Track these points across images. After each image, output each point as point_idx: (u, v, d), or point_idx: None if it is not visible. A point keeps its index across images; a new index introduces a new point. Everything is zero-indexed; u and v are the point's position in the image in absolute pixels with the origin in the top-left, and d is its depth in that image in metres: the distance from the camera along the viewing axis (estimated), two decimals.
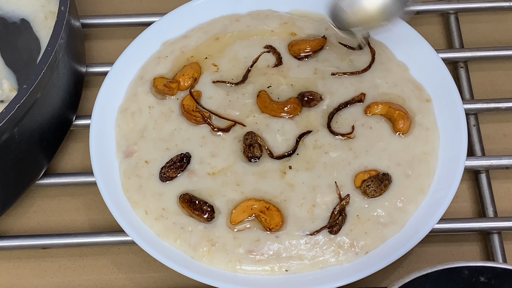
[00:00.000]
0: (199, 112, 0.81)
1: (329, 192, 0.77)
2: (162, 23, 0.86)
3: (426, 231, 0.74)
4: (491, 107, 0.85)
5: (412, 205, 0.76)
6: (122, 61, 0.84)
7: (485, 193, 0.81)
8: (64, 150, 0.85)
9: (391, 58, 0.84)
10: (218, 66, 0.84)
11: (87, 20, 0.90)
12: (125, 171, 0.79)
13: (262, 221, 0.75)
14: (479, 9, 0.92)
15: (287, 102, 0.81)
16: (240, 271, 0.74)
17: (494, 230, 0.78)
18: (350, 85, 0.83)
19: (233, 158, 0.79)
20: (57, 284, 0.79)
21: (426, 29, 0.92)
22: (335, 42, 0.85)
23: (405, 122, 0.79)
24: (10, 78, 0.81)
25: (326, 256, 0.74)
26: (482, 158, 0.82)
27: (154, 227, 0.76)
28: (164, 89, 0.82)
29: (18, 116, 0.72)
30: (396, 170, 0.78)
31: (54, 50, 0.74)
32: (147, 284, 0.78)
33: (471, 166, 0.81)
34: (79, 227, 0.81)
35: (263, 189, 0.77)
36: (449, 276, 0.61)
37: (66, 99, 0.81)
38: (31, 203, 0.83)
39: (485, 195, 0.81)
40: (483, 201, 0.81)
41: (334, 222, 0.75)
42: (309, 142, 0.79)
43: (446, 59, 0.86)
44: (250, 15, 0.87)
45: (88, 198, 0.82)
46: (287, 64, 0.84)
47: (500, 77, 0.89)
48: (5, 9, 0.84)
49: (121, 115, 0.82)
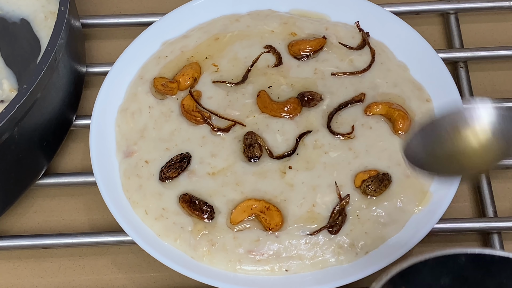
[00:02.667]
0: (199, 112, 0.81)
1: (329, 192, 0.77)
2: (162, 23, 0.86)
3: (426, 231, 0.74)
4: None
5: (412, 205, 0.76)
6: (122, 61, 0.84)
7: (485, 193, 0.81)
8: (64, 150, 0.85)
9: (391, 58, 0.84)
10: (218, 66, 0.84)
11: (87, 20, 0.90)
12: (125, 171, 0.79)
13: (262, 221, 0.75)
14: (479, 9, 0.92)
15: (287, 102, 0.81)
16: (240, 271, 0.74)
17: (494, 230, 0.78)
18: (350, 85, 0.83)
19: (233, 158, 0.79)
20: (57, 284, 0.79)
21: (426, 29, 0.92)
22: (335, 42, 0.85)
23: (405, 122, 0.79)
24: (10, 78, 0.81)
25: (326, 256, 0.74)
26: None
27: (154, 227, 0.76)
28: (164, 89, 0.82)
29: (18, 116, 0.72)
30: (396, 170, 0.78)
31: (54, 50, 0.74)
32: (147, 284, 0.78)
33: None
34: (79, 227, 0.81)
35: (263, 189, 0.77)
36: (447, 262, 0.61)
37: (66, 99, 0.81)
38: (31, 203, 0.83)
39: (485, 195, 0.81)
40: (483, 201, 0.81)
41: (334, 222, 0.75)
42: (309, 142, 0.79)
43: (446, 59, 0.86)
44: (250, 15, 0.87)
45: (88, 198, 0.82)
46: (287, 64, 0.84)
47: (500, 77, 0.89)
48: (5, 9, 0.84)
49: (121, 115, 0.82)
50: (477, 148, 0.61)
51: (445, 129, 0.61)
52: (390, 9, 0.89)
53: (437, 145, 0.62)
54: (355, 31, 0.86)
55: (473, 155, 0.61)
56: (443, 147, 0.62)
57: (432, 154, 0.62)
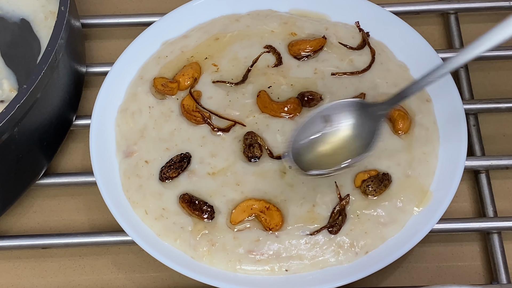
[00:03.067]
0: (199, 112, 0.81)
1: (329, 192, 0.77)
2: (162, 23, 0.86)
3: (426, 231, 0.74)
4: (491, 107, 0.85)
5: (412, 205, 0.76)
6: (122, 61, 0.84)
7: (485, 193, 0.81)
8: (64, 150, 0.85)
9: (391, 58, 0.84)
10: (218, 66, 0.84)
11: (87, 20, 0.90)
12: (125, 171, 0.79)
13: (262, 221, 0.75)
14: (479, 9, 0.92)
15: (287, 102, 0.81)
16: (240, 271, 0.74)
17: (494, 230, 0.78)
18: (350, 85, 0.83)
19: (233, 158, 0.79)
20: (57, 284, 0.79)
21: (426, 29, 0.92)
22: (335, 42, 0.85)
23: (405, 122, 0.79)
24: (10, 78, 0.81)
25: (326, 256, 0.74)
26: (482, 158, 0.82)
27: (154, 227, 0.76)
28: (164, 89, 0.82)
29: (18, 116, 0.72)
30: (396, 170, 0.78)
31: (54, 50, 0.74)
32: (147, 284, 0.78)
33: (471, 166, 0.81)
34: (79, 227, 0.81)
35: (263, 189, 0.77)
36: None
37: (66, 99, 0.81)
38: (31, 203, 0.83)
39: (485, 195, 0.81)
40: (483, 201, 0.81)
41: (334, 222, 0.75)
42: None
43: (446, 59, 0.86)
44: (250, 15, 0.87)
45: (88, 198, 0.82)
46: (287, 64, 0.84)
47: (500, 77, 0.89)
48: (5, 9, 0.84)
49: (121, 115, 0.82)
50: (340, 145, 0.73)
51: (310, 128, 0.74)
52: (390, 9, 0.89)
53: (306, 144, 0.74)
54: (355, 31, 0.86)
55: (337, 152, 0.73)
56: (312, 146, 0.74)
57: (306, 152, 0.74)
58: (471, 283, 0.77)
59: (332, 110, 0.74)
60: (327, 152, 0.74)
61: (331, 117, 0.74)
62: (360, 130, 0.74)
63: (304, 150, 0.74)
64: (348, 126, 0.74)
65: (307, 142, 0.74)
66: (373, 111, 0.74)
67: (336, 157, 0.74)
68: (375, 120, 0.73)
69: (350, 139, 0.74)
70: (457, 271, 0.78)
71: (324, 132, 0.74)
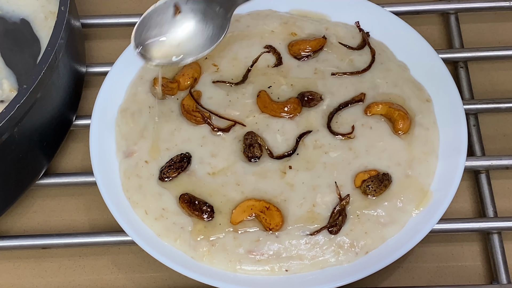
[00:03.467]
0: (199, 112, 0.81)
1: (329, 192, 0.77)
2: None
3: (426, 231, 0.74)
4: (491, 107, 0.85)
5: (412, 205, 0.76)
6: (122, 61, 0.84)
7: (485, 193, 0.81)
8: (64, 150, 0.85)
9: (391, 58, 0.84)
10: (218, 66, 0.84)
11: (87, 20, 0.90)
12: (125, 171, 0.79)
13: (262, 221, 0.75)
14: (479, 9, 0.92)
15: (287, 102, 0.81)
16: (240, 271, 0.74)
17: (494, 230, 0.78)
18: (350, 85, 0.83)
19: (233, 158, 0.79)
20: (57, 284, 0.79)
21: (426, 29, 0.92)
22: (335, 42, 0.85)
23: (405, 122, 0.79)
24: (10, 78, 0.81)
25: (326, 256, 0.74)
26: (482, 158, 0.82)
27: (154, 227, 0.76)
28: (164, 89, 0.82)
29: (18, 116, 0.72)
30: (396, 170, 0.78)
31: (54, 50, 0.74)
32: (147, 284, 0.78)
33: (471, 166, 0.81)
34: (79, 227, 0.81)
35: (263, 189, 0.77)
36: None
37: (66, 99, 0.81)
38: (31, 203, 0.83)
39: (485, 195, 0.81)
40: (483, 201, 0.81)
41: (334, 222, 0.75)
42: (309, 142, 0.79)
43: (446, 59, 0.86)
44: (250, 15, 0.87)
45: (88, 198, 0.82)
46: (287, 64, 0.84)
47: (500, 77, 0.89)
48: (5, 9, 0.84)
49: (121, 115, 0.82)
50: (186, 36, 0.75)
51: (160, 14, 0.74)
52: (390, 9, 0.89)
53: (153, 31, 0.74)
54: (355, 31, 0.86)
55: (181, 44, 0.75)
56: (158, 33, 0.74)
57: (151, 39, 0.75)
58: (471, 283, 0.77)
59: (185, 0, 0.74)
60: (171, 42, 0.75)
61: (182, 7, 0.74)
62: (207, 25, 0.75)
63: (150, 35, 0.74)
64: (196, 19, 0.74)
65: (154, 28, 0.74)
66: (219, 6, 0.74)
67: (179, 48, 0.75)
68: (222, 17, 0.74)
69: (196, 33, 0.75)
70: (457, 271, 0.78)
71: (173, 20, 0.74)
